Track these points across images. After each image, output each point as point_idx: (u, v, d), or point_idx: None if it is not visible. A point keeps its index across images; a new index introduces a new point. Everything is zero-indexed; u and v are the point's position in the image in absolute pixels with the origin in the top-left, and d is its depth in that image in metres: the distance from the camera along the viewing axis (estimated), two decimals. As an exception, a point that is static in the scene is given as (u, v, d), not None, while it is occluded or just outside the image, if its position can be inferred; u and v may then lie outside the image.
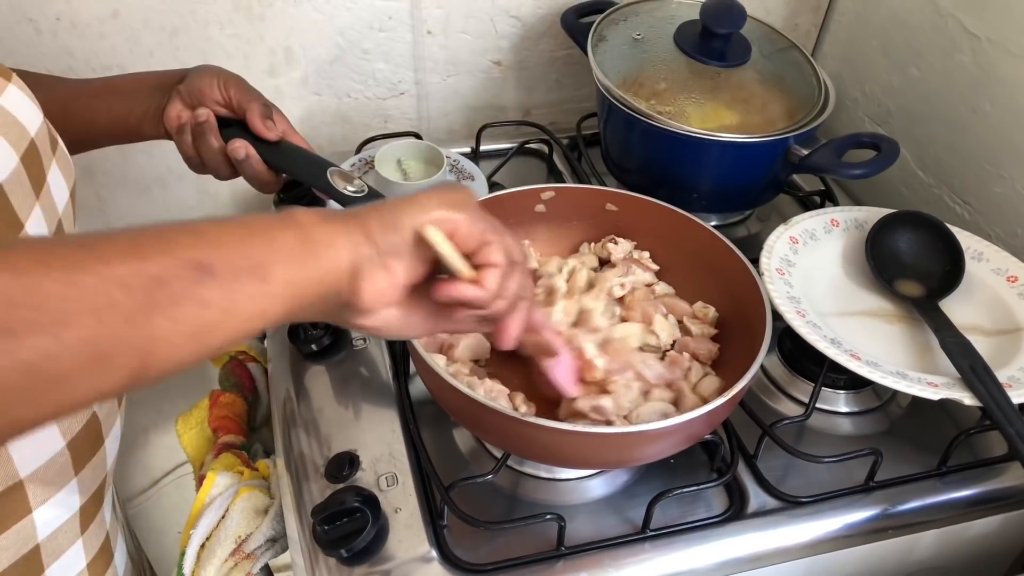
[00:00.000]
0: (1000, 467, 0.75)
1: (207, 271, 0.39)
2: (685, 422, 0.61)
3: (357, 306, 0.47)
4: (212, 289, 0.40)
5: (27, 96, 0.56)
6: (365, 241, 0.46)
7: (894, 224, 0.86)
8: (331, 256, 0.45)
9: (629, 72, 0.95)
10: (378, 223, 0.47)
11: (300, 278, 0.44)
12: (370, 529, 0.63)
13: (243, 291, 0.41)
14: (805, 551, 0.70)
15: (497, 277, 0.50)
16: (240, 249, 0.42)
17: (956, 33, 0.95)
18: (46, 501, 0.55)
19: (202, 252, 0.40)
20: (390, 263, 0.47)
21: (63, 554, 0.59)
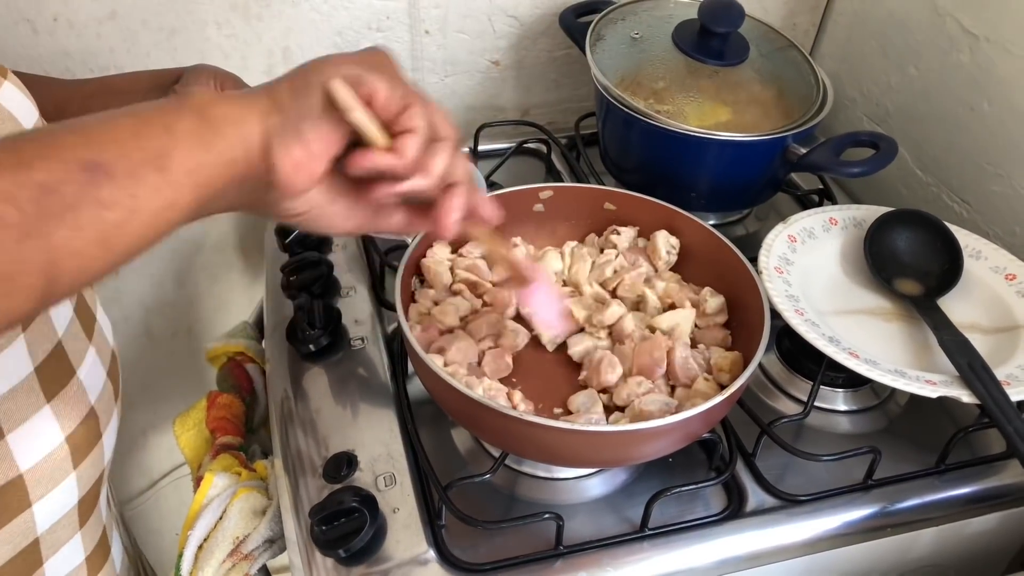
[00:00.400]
0: (998, 465, 0.75)
1: (101, 170, 0.37)
2: (683, 420, 0.61)
3: (277, 184, 0.43)
4: (109, 188, 0.37)
5: (23, 94, 0.55)
6: (274, 109, 0.42)
7: (892, 223, 0.86)
8: (237, 133, 0.41)
9: (627, 71, 0.95)
10: (288, 88, 0.43)
11: (206, 162, 0.40)
12: (368, 529, 0.63)
13: (144, 185, 0.38)
14: (804, 549, 0.70)
15: (416, 144, 0.45)
16: (134, 141, 0.38)
17: (954, 32, 0.95)
18: (45, 495, 0.55)
19: (91, 151, 0.37)
20: (304, 131, 0.43)
21: (62, 547, 0.59)
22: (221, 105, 0.42)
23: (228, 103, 0.42)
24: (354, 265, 0.91)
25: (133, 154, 0.38)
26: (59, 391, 0.55)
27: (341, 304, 0.85)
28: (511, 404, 0.69)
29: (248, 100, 0.42)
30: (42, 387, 0.54)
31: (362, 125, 0.44)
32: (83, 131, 0.38)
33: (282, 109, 0.43)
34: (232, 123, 0.41)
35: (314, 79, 0.43)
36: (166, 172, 0.39)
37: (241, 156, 0.41)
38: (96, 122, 0.39)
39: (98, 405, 0.59)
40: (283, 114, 0.43)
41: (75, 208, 0.36)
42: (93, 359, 0.60)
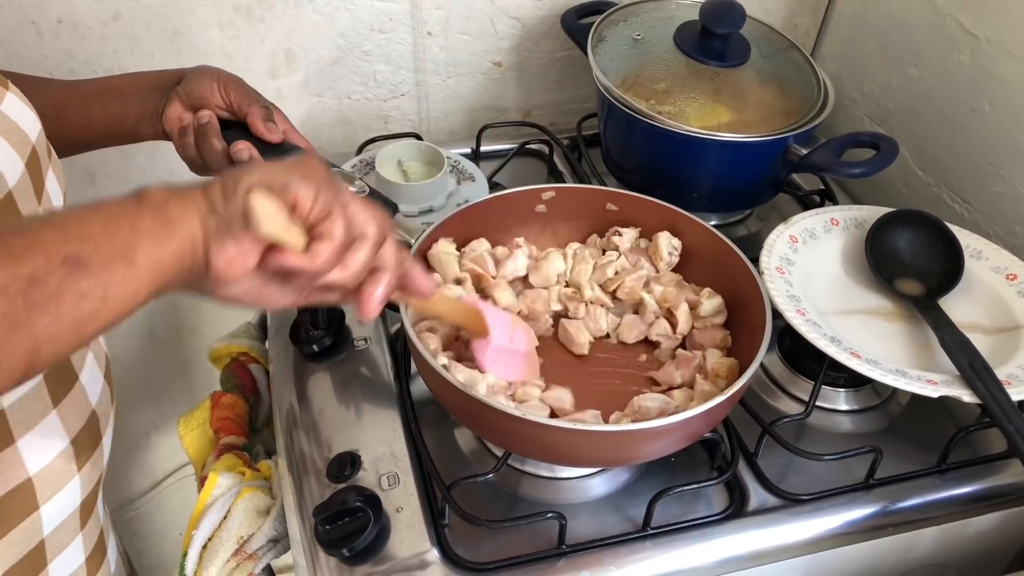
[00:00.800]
0: (999, 464, 0.75)
1: (79, 264, 0.40)
2: (684, 420, 0.61)
3: (212, 276, 0.47)
4: (86, 280, 0.41)
5: (25, 104, 0.56)
6: (209, 211, 0.46)
7: (893, 223, 0.86)
8: (183, 231, 0.45)
9: (629, 72, 0.96)
10: (220, 191, 0.47)
11: (162, 256, 0.44)
12: (372, 528, 0.64)
13: (115, 277, 0.42)
14: (805, 549, 0.70)
15: (329, 249, 0.49)
16: (105, 237, 0.42)
17: (955, 33, 0.96)
18: (51, 497, 0.56)
19: (71, 246, 0.41)
20: (236, 231, 0.46)
21: (64, 549, 0.60)
22: (174, 205, 0.45)
23: (178, 202, 0.46)
24: (357, 266, 0.91)
25: (105, 250, 0.42)
26: (64, 396, 0.56)
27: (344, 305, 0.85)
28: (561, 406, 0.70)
29: (192, 199, 0.46)
30: (49, 393, 0.55)
31: (274, 235, 0.47)
32: (63, 226, 0.42)
33: (216, 211, 0.46)
34: (180, 221, 0.45)
35: (242, 186, 0.47)
36: (132, 266, 0.43)
37: (188, 251, 0.45)
38: (72, 217, 0.43)
39: (98, 408, 0.60)
40: (217, 215, 0.46)
41: (56, 299, 0.40)
42: (92, 363, 0.61)
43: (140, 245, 0.43)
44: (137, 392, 1.27)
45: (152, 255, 0.44)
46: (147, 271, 0.44)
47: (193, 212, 0.46)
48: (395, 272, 0.54)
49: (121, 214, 0.44)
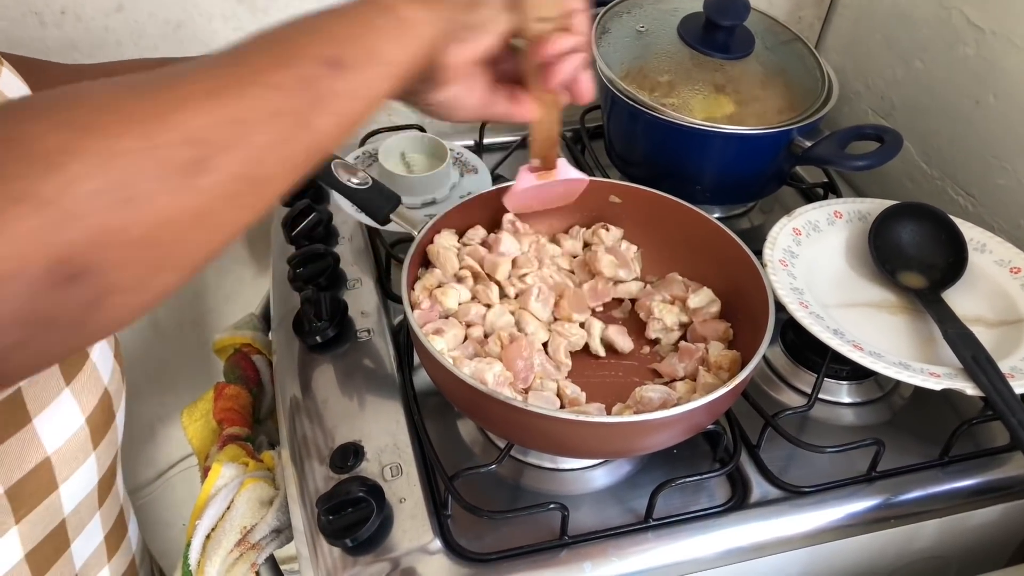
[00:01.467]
0: (1002, 457, 0.75)
1: (340, 64, 0.42)
2: (687, 412, 0.61)
3: (437, 78, 0.51)
4: (350, 81, 0.43)
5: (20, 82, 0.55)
6: (449, 17, 0.50)
7: (897, 216, 0.86)
8: (421, 33, 0.48)
9: (633, 64, 0.95)
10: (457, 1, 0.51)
11: (404, 56, 0.47)
12: (375, 519, 0.64)
13: (372, 76, 0.45)
14: (807, 540, 0.71)
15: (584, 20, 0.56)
16: (359, 41, 0.44)
17: (960, 25, 0.95)
18: (69, 476, 0.57)
19: (332, 49, 0.43)
20: (471, 37, 0.51)
21: (84, 528, 0.60)
22: (408, 8, 0.48)
23: (413, 7, 0.48)
24: (360, 257, 0.91)
25: (358, 50, 0.44)
26: (76, 374, 0.57)
27: (347, 296, 0.86)
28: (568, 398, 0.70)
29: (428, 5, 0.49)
30: (62, 371, 0.56)
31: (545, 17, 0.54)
32: (317, 32, 0.44)
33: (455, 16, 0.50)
34: (419, 23, 0.48)
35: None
36: (383, 65, 0.45)
37: (423, 52, 0.49)
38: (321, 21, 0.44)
39: (110, 386, 0.61)
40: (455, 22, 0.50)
41: (328, 99, 0.42)
42: (102, 342, 0.61)
43: (386, 47, 0.46)
44: (142, 383, 1.27)
45: (397, 55, 0.46)
46: (395, 70, 0.46)
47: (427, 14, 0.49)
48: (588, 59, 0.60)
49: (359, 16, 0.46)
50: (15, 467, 0.53)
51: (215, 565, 0.73)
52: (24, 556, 0.55)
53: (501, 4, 0.53)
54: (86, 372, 0.58)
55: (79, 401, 0.57)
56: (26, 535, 0.55)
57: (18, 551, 0.55)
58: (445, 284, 0.76)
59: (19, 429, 0.52)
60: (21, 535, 0.55)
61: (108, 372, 0.62)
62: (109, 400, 0.61)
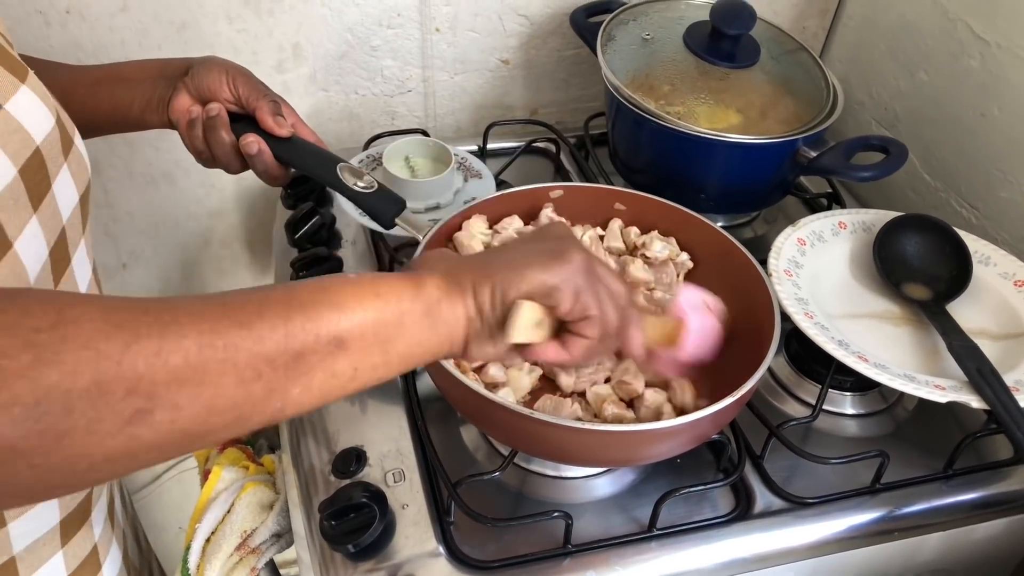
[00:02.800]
0: (1006, 471, 0.75)
1: (342, 346, 0.43)
2: (693, 422, 0.61)
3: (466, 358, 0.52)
4: (343, 362, 0.43)
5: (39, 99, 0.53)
6: (478, 316, 0.50)
7: (902, 227, 0.86)
8: (448, 332, 0.49)
9: (638, 72, 0.95)
10: (490, 299, 0.50)
11: (418, 352, 0.47)
12: (377, 525, 0.63)
13: (368, 362, 0.44)
14: (810, 552, 0.70)
15: (582, 349, 0.53)
16: (374, 328, 0.44)
17: (965, 37, 0.95)
18: (19, 516, 0.54)
19: (342, 328, 0.43)
20: (496, 335, 0.51)
21: (42, 566, 0.57)
22: (446, 304, 0.48)
23: (450, 303, 0.49)
24: (363, 261, 0.91)
25: (369, 338, 0.44)
26: None
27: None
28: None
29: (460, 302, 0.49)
30: None
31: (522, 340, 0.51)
32: (338, 306, 0.43)
33: (482, 315, 0.50)
34: (449, 323, 0.48)
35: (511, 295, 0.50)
36: (387, 355, 0.45)
37: (445, 349, 0.49)
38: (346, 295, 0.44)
39: None
40: (482, 319, 0.50)
41: (313, 373, 0.42)
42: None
43: (401, 339, 0.46)
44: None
45: (409, 348, 0.46)
46: (399, 363, 0.46)
47: (462, 316, 0.49)
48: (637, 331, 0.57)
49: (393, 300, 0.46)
50: None
51: (215, 569, 0.72)
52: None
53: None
54: None
55: None
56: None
57: None
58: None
59: None
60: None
61: None
62: None
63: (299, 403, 0.42)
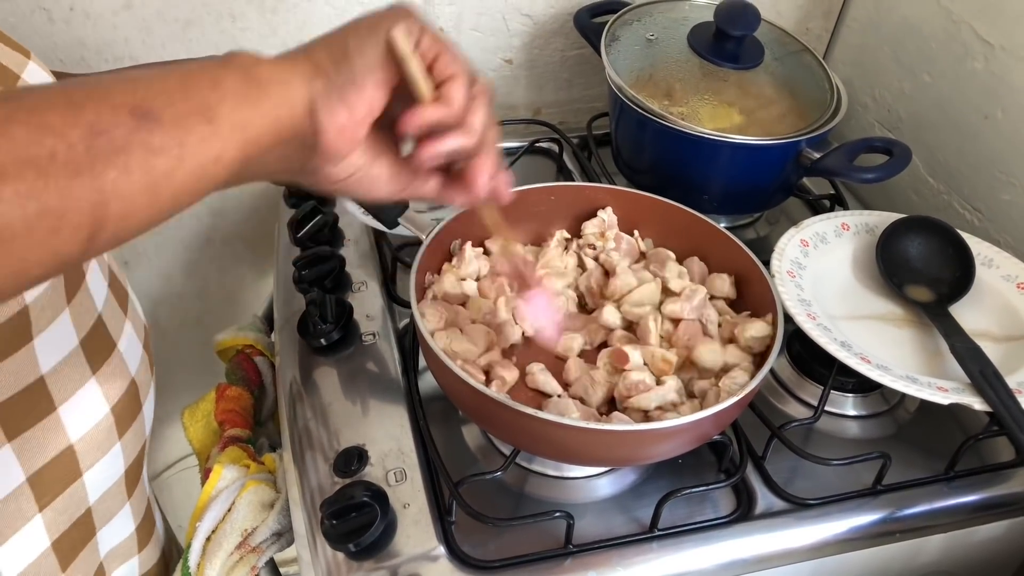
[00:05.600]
0: (1007, 473, 0.75)
1: (149, 116, 0.37)
2: (695, 422, 0.61)
3: (321, 147, 0.45)
4: (158, 134, 0.38)
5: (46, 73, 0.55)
6: (317, 73, 0.44)
7: (905, 229, 0.86)
8: (283, 93, 0.43)
9: (642, 72, 0.95)
10: (326, 53, 0.45)
11: (252, 119, 0.41)
12: (379, 524, 0.63)
13: (192, 134, 0.39)
14: (812, 553, 0.70)
15: (461, 90, 0.47)
16: (181, 92, 0.39)
17: (969, 40, 0.95)
18: (93, 464, 0.56)
19: (140, 97, 0.38)
20: (346, 94, 0.44)
21: (113, 518, 0.60)
22: (266, 66, 0.42)
23: (272, 64, 0.43)
24: (366, 260, 0.91)
25: (180, 104, 0.39)
26: (102, 363, 0.57)
27: (352, 299, 0.85)
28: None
29: (291, 63, 0.43)
30: (87, 359, 0.55)
31: (416, 75, 0.45)
32: (131, 81, 0.39)
33: (325, 73, 0.44)
34: (277, 83, 0.42)
35: (354, 45, 0.44)
36: (213, 124, 0.39)
37: (286, 116, 0.42)
38: (143, 74, 0.40)
39: (137, 376, 0.60)
40: (326, 78, 0.44)
41: (124, 151, 0.36)
42: (130, 332, 0.61)
43: (223, 103, 0.40)
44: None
45: (238, 115, 0.40)
46: (232, 133, 0.40)
47: (294, 74, 0.43)
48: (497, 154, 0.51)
49: (201, 72, 0.41)
50: (37, 454, 0.52)
51: (215, 568, 0.72)
52: (50, 544, 0.55)
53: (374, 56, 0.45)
54: (112, 361, 0.57)
55: (105, 390, 0.56)
56: (50, 523, 0.55)
57: (44, 538, 0.54)
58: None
59: (43, 418, 0.52)
60: (46, 522, 0.54)
61: (136, 362, 0.61)
62: (136, 390, 0.60)
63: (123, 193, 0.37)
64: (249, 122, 0.41)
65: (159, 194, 0.38)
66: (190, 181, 0.39)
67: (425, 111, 0.46)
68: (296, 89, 0.43)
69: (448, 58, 0.47)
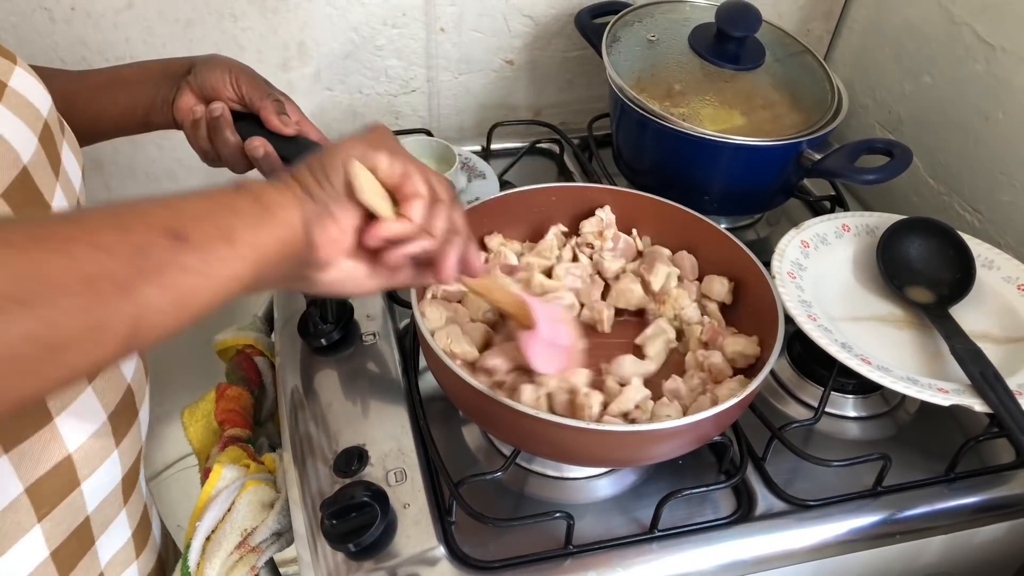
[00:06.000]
0: (1007, 474, 0.75)
1: (183, 239, 0.42)
2: (695, 423, 0.61)
3: (315, 260, 0.50)
4: (189, 255, 0.42)
5: (34, 78, 0.56)
6: (306, 197, 0.49)
7: (905, 230, 0.86)
8: (284, 216, 0.48)
9: (643, 73, 0.95)
10: (312, 178, 0.50)
11: (262, 240, 0.46)
12: (379, 524, 0.63)
13: (216, 255, 0.44)
14: (812, 554, 0.70)
15: (421, 207, 0.52)
16: (208, 218, 0.44)
17: (970, 41, 0.95)
18: (92, 473, 0.56)
19: (177, 222, 0.43)
20: (334, 212, 0.50)
21: (110, 525, 0.60)
22: (270, 191, 0.48)
23: (274, 190, 0.49)
24: (366, 261, 0.91)
25: (208, 228, 0.44)
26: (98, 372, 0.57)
27: (353, 300, 0.85)
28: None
29: (287, 188, 0.49)
30: None
31: (372, 201, 0.51)
32: (168, 205, 0.44)
33: (313, 195, 0.49)
34: (280, 207, 0.48)
35: (332, 169, 0.50)
36: (233, 246, 0.45)
37: (288, 235, 0.48)
38: (175, 198, 0.45)
39: (133, 382, 0.60)
40: (315, 199, 0.49)
41: (161, 270, 0.41)
42: None
43: (240, 228, 0.45)
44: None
45: (253, 238, 0.46)
46: (249, 252, 0.45)
47: (290, 199, 0.48)
48: (466, 239, 0.57)
49: (222, 199, 0.46)
50: (36, 465, 0.52)
51: (215, 567, 0.72)
52: (49, 554, 0.55)
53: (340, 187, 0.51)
54: (108, 370, 0.57)
55: (101, 399, 0.56)
56: (49, 534, 0.55)
57: (43, 549, 0.54)
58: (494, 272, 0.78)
59: (40, 428, 0.52)
60: (45, 533, 0.54)
61: (131, 368, 0.61)
62: (132, 396, 0.60)
63: (158, 307, 0.41)
64: (261, 243, 0.46)
65: (186, 307, 0.43)
66: (211, 296, 0.44)
67: (384, 227, 0.51)
68: (293, 211, 0.48)
69: (408, 177, 0.52)
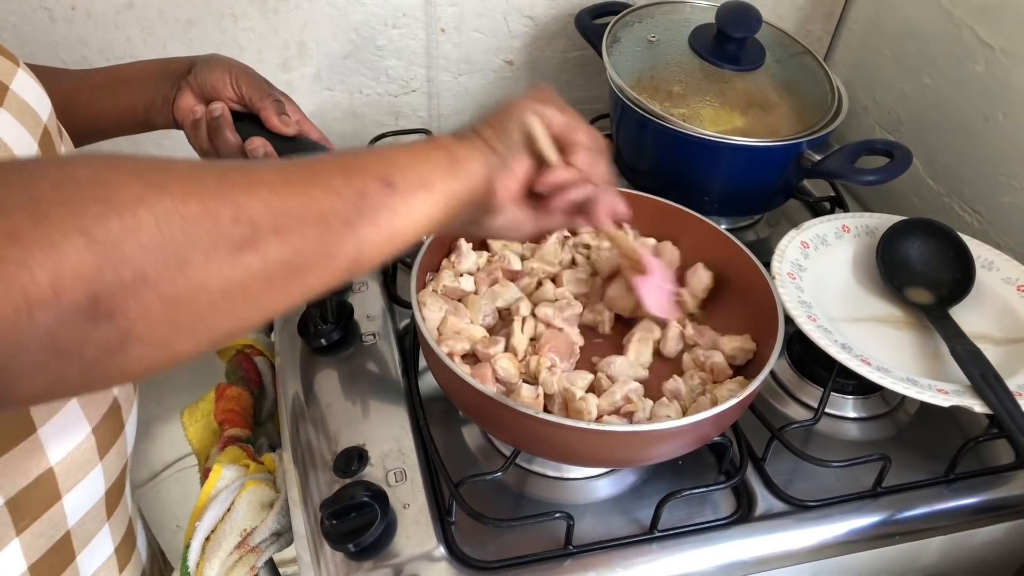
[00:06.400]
0: (1007, 475, 0.75)
1: (392, 185, 0.48)
2: (695, 423, 0.61)
3: (492, 205, 0.57)
4: (397, 199, 0.49)
5: (35, 81, 0.55)
6: (491, 151, 0.56)
7: (905, 231, 0.86)
8: (473, 168, 0.55)
9: (643, 74, 0.95)
10: (493, 134, 0.57)
11: (453, 188, 0.53)
12: (379, 524, 0.63)
13: (417, 199, 0.50)
14: (811, 555, 0.70)
15: (586, 156, 0.60)
16: (412, 168, 0.51)
17: (970, 42, 0.95)
18: (74, 487, 0.56)
19: (387, 170, 0.49)
20: (511, 164, 0.57)
21: (92, 539, 0.59)
22: (460, 147, 0.55)
23: (464, 146, 0.55)
24: (366, 261, 0.91)
25: (411, 177, 0.50)
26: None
27: (353, 299, 0.85)
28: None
29: (473, 143, 0.56)
30: None
31: (547, 151, 0.58)
32: (379, 156, 0.51)
33: (495, 150, 0.56)
34: (470, 160, 0.55)
35: (512, 126, 0.57)
36: (431, 193, 0.51)
37: (474, 185, 0.55)
38: (384, 150, 0.53)
39: (120, 396, 0.60)
40: (497, 154, 0.56)
41: (375, 211, 0.47)
42: None
43: (437, 177, 0.52)
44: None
45: (446, 186, 0.52)
46: (442, 198, 0.52)
47: (476, 153, 0.55)
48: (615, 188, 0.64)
49: (421, 150, 0.53)
50: (17, 477, 0.52)
51: (214, 567, 0.72)
52: (27, 568, 0.54)
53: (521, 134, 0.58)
54: None
55: (86, 411, 0.56)
56: (28, 547, 0.54)
57: (21, 563, 0.54)
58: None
59: (23, 439, 0.52)
60: (23, 546, 0.53)
61: None
62: (118, 409, 0.60)
63: (373, 242, 0.47)
64: (452, 190, 0.53)
65: (392, 243, 0.49)
66: (412, 234, 0.50)
67: (556, 173, 0.59)
68: (479, 163, 0.55)
69: (574, 130, 0.60)
